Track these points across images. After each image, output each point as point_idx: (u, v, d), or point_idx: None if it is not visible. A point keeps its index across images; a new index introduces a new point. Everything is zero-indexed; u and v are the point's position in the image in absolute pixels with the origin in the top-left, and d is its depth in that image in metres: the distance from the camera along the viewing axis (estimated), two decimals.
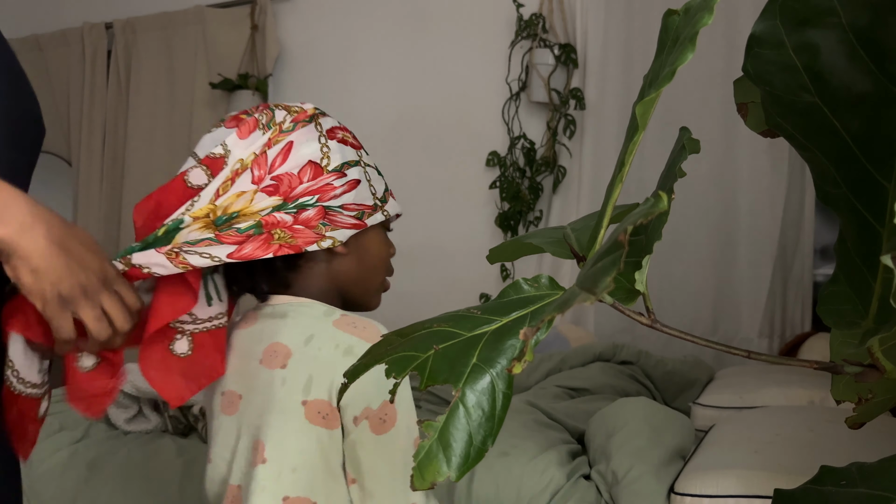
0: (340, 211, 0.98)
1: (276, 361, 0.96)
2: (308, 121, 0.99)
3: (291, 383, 0.95)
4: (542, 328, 0.43)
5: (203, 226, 0.93)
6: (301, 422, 0.94)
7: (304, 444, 0.95)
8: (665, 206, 0.40)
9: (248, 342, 1.00)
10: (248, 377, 0.98)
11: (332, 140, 1.00)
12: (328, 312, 0.98)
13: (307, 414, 0.94)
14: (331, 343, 0.95)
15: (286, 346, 0.96)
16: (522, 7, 3.09)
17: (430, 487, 0.43)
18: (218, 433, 1.02)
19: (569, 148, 3.08)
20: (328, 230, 0.97)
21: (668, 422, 1.68)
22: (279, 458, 0.94)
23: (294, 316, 0.98)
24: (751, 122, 0.56)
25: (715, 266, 2.95)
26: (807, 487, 0.54)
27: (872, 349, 0.46)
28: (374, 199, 1.03)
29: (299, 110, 1.00)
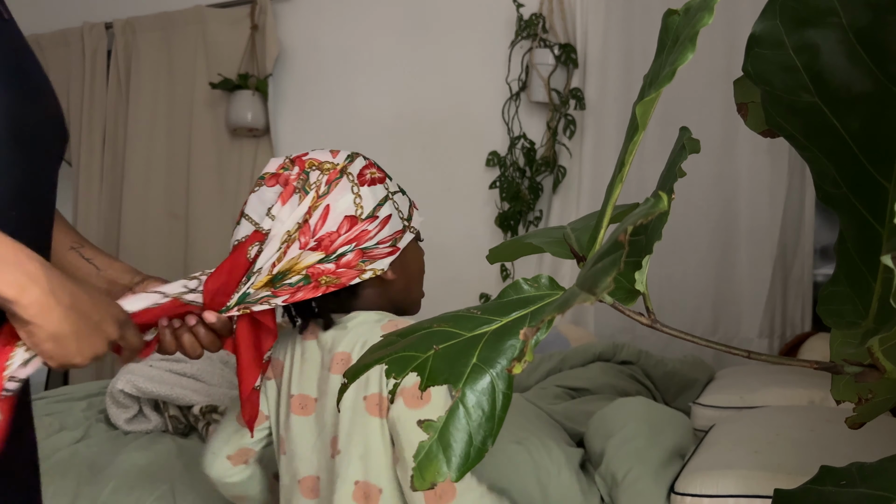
0: (376, 247, 1.11)
1: (341, 368, 1.13)
2: (339, 176, 1.09)
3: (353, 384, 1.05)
4: (542, 328, 0.43)
5: (262, 285, 1.05)
6: (363, 415, 1.11)
7: (367, 434, 1.10)
8: (665, 206, 0.40)
9: (317, 352, 1.18)
10: (321, 383, 1.16)
11: (363, 186, 1.10)
12: (379, 319, 1.15)
13: (367, 407, 1.11)
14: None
15: (347, 354, 1.13)
16: (522, 7, 3.09)
17: (430, 488, 0.43)
18: (291, 430, 1.19)
19: (569, 148, 3.08)
20: (368, 265, 1.10)
21: (666, 422, 1.68)
22: (348, 448, 1.11)
23: (353, 326, 1.15)
24: (751, 122, 0.56)
25: (715, 266, 2.95)
26: (807, 487, 0.54)
27: (872, 349, 0.46)
28: (403, 222, 1.15)
29: (331, 168, 1.09)
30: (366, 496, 1.11)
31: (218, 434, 1.29)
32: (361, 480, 1.11)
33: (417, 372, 0.44)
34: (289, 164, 1.10)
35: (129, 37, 3.86)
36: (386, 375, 0.45)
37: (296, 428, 1.18)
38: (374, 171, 1.14)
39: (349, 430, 1.12)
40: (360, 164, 1.12)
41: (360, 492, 1.11)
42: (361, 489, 1.11)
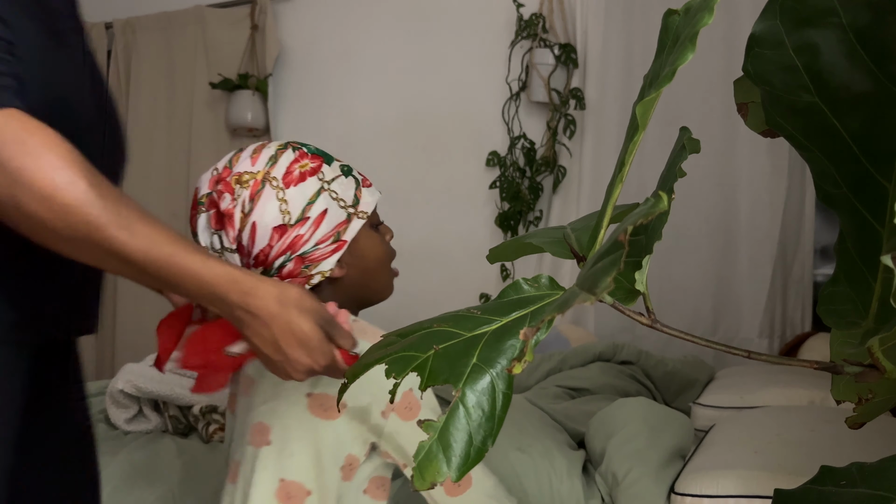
0: (316, 248, 1.05)
1: None
2: (262, 186, 1.04)
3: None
4: (542, 328, 0.43)
5: None
6: (303, 412, 1.03)
7: (303, 433, 1.03)
8: (665, 206, 0.40)
9: None
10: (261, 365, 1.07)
11: (289, 188, 1.05)
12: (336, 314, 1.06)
13: (310, 405, 1.03)
14: None
15: None
16: (522, 7, 3.09)
17: (430, 488, 0.43)
18: (236, 413, 1.13)
19: (569, 148, 3.08)
20: (312, 268, 1.06)
21: (666, 422, 1.68)
22: (281, 442, 1.04)
23: None
24: (751, 122, 0.56)
25: (715, 266, 2.95)
26: (807, 487, 0.54)
27: (872, 349, 0.46)
28: (347, 211, 1.08)
29: (251, 179, 1.04)
30: (288, 496, 1.03)
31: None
32: (287, 479, 1.04)
33: (417, 372, 0.44)
34: (216, 183, 1.06)
35: (129, 37, 3.86)
36: (386, 375, 0.45)
37: (239, 409, 1.12)
38: (306, 161, 1.08)
39: (285, 424, 1.04)
40: (287, 162, 1.06)
41: (283, 490, 1.03)
42: (286, 488, 1.03)
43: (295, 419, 1.04)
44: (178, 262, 0.84)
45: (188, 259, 0.84)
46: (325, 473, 1.04)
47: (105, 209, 0.79)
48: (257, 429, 1.06)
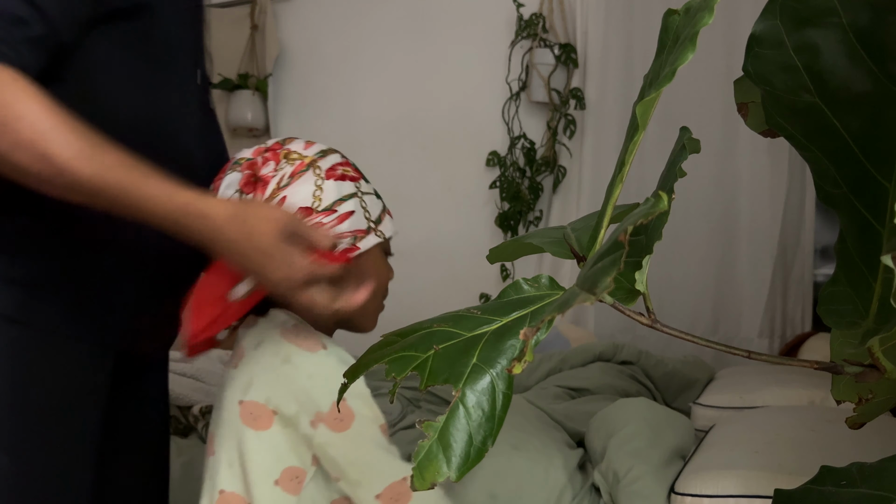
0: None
1: (234, 362, 1.06)
2: (305, 169, 1.05)
3: (236, 384, 1.04)
4: (542, 328, 0.43)
5: None
6: (236, 420, 1.02)
7: (234, 443, 1.02)
8: (665, 206, 0.40)
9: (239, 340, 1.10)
10: (224, 373, 1.09)
11: (329, 180, 1.06)
12: (284, 321, 1.06)
13: (241, 413, 1.02)
14: (272, 349, 1.03)
15: (243, 349, 1.06)
16: (522, 7, 3.09)
17: (430, 488, 0.43)
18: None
19: (569, 148, 3.08)
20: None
21: (667, 422, 1.68)
22: (220, 453, 1.03)
23: (262, 322, 1.07)
24: (751, 122, 0.56)
25: (715, 266, 2.95)
26: (807, 487, 0.54)
27: (872, 349, 0.46)
28: (369, 223, 1.08)
29: (298, 159, 1.06)
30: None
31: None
32: (227, 491, 1.02)
33: (417, 372, 0.44)
34: (263, 151, 1.07)
35: None
36: (386, 375, 0.45)
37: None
38: (349, 169, 1.10)
39: (223, 433, 1.04)
40: (333, 161, 1.08)
41: (223, 502, 1.01)
42: (226, 500, 1.01)
43: (229, 428, 1.02)
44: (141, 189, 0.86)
45: (150, 186, 0.86)
46: (256, 487, 1.00)
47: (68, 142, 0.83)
48: (209, 438, 1.07)
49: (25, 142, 0.82)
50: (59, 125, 0.83)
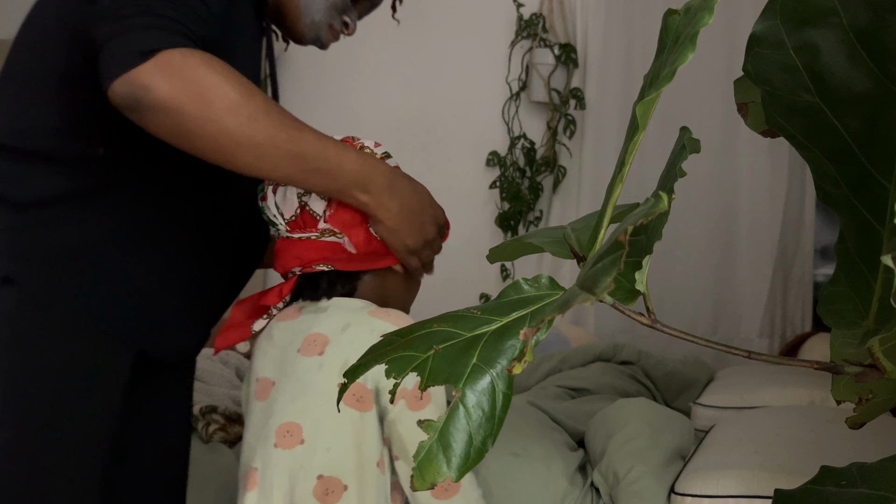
0: None
1: (314, 349, 1.06)
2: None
3: (328, 368, 1.04)
4: (542, 328, 0.43)
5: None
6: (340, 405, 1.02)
7: (337, 426, 1.03)
8: (665, 206, 0.40)
9: (289, 334, 1.10)
10: (284, 365, 1.09)
11: None
12: (365, 305, 1.09)
13: (344, 396, 1.01)
14: (366, 328, 1.04)
15: (324, 335, 1.06)
16: (522, 7, 3.09)
17: (429, 488, 0.43)
18: (250, 418, 1.12)
19: (569, 148, 3.08)
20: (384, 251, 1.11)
21: (667, 422, 1.67)
22: (314, 439, 1.03)
23: (332, 310, 1.08)
24: (751, 122, 0.56)
25: (715, 266, 2.95)
26: (807, 487, 0.54)
27: (872, 349, 0.46)
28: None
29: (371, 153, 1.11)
30: (325, 492, 1.03)
31: None
32: (325, 475, 1.03)
33: (417, 372, 0.44)
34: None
35: None
36: (386, 375, 0.45)
37: (254, 414, 1.12)
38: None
39: (317, 419, 1.04)
40: (394, 164, 1.14)
41: (321, 487, 1.03)
42: (323, 484, 1.03)
43: (328, 413, 1.03)
44: (342, 153, 1.00)
45: (348, 151, 1.01)
46: (365, 466, 1.04)
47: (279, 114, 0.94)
48: (285, 429, 1.05)
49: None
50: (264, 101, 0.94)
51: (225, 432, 1.80)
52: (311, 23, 1.24)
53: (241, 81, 0.91)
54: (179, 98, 0.87)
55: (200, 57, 0.89)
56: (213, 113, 0.88)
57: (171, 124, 0.89)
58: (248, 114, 0.90)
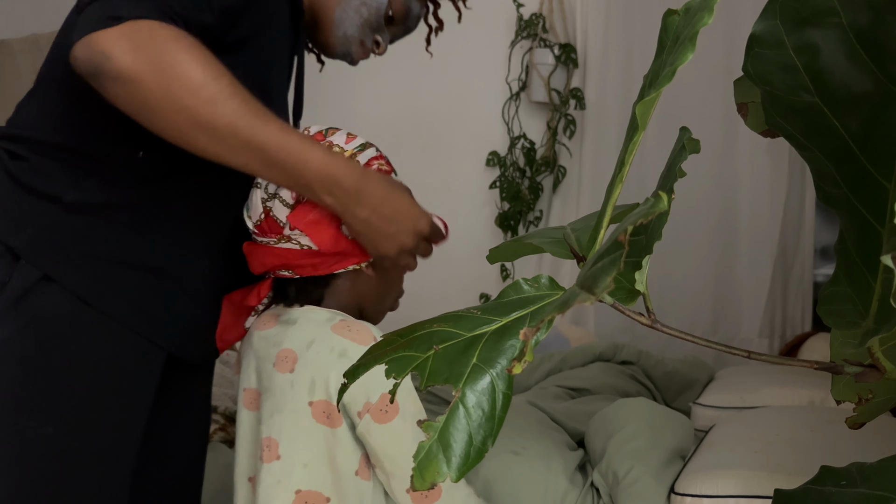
0: None
1: (286, 366, 1.06)
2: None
3: (299, 386, 1.04)
4: (542, 328, 0.43)
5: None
6: (309, 421, 1.03)
7: (312, 442, 1.04)
8: (665, 206, 0.40)
9: (265, 345, 1.10)
10: (264, 378, 1.09)
11: None
12: (330, 318, 1.07)
13: (314, 413, 1.03)
14: (327, 347, 1.04)
15: (293, 352, 1.06)
16: (522, 7, 3.09)
17: (429, 488, 0.43)
18: (241, 427, 1.13)
19: (569, 148, 3.08)
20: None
21: (667, 422, 1.68)
22: (291, 455, 1.04)
23: (301, 323, 1.08)
24: (751, 122, 0.56)
25: (715, 266, 2.95)
26: (807, 487, 0.54)
27: (872, 349, 0.46)
28: None
29: (340, 153, 1.07)
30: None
31: None
32: (304, 490, 1.03)
33: (417, 372, 0.44)
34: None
35: None
36: (386, 375, 0.45)
37: (244, 424, 1.13)
38: (383, 163, 1.13)
39: (293, 435, 1.04)
40: (370, 154, 1.12)
41: (300, 501, 1.03)
42: (302, 498, 1.03)
43: (302, 430, 1.04)
44: (307, 150, 0.95)
45: (314, 149, 0.96)
46: (343, 479, 1.04)
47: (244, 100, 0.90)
48: (266, 443, 1.06)
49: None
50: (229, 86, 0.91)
51: (225, 432, 1.80)
52: (342, 36, 1.23)
53: (209, 62, 0.88)
54: (139, 70, 0.84)
55: (170, 31, 0.87)
56: (172, 90, 0.86)
57: (128, 96, 0.86)
58: (208, 95, 0.87)
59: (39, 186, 0.98)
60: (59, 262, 0.98)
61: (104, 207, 1.01)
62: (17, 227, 0.98)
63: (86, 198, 0.99)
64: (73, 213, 0.99)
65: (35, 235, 0.98)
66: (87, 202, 1.00)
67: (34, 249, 0.97)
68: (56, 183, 0.99)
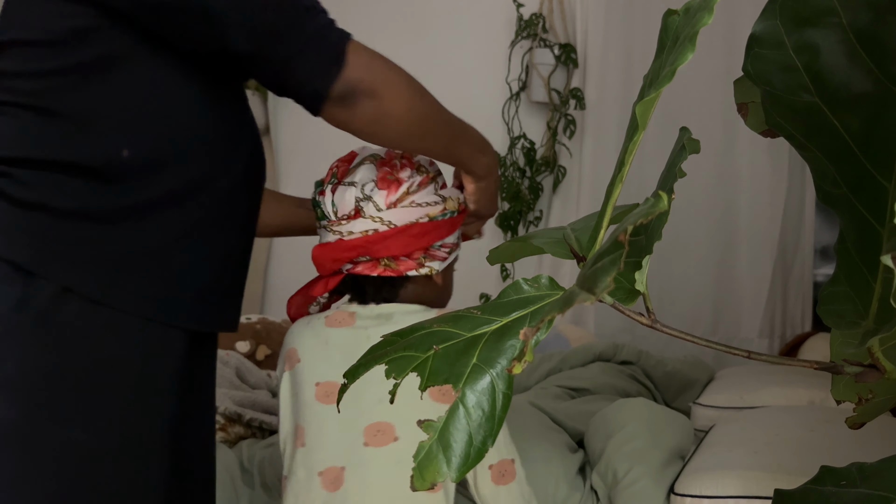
0: (439, 249, 1.22)
1: None
2: (429, 182, 1.23)
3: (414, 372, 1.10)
4: (542, 328, 0.43)
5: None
6: (427, 401, 1.11)
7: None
8: (665, 206, 0.40)
9: (350, 340, 1.18)
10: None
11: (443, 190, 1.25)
12: (425, 310, 1.19)
13: (432, 392, 1.11)
14: None
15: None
16: (522, 7, 3.09)
17: (429, 488, 0.43)
18: (314, 420, 1.17)
19: (569, 148, 3.08)
20: (427, 261, 1.21)
21: (666, 422, 1.68)
22: (409, 435, 1.12)
23: (399, 316, 1.18)
24: (751, 122, 0.56)
25: (715, 266, 2.95)
26: (807, 487, 0.54)
27: (872, 349, 0.46)
28: (458, 239, 1.27)
29: (425, 172, 1.23)
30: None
31: None
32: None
33: (417, 372, 0.44)
34: (399, 157, 1.22)
35: None
36: (386, 376, 0.45)
37: (319, 417, 1.16)
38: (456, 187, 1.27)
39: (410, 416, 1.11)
40: (442, 181, 1.26)
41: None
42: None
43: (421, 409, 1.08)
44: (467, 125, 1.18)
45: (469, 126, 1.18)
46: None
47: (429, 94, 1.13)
48: (376, 429, 1.13)
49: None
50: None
51: (225, 432, 1.79)
52: None
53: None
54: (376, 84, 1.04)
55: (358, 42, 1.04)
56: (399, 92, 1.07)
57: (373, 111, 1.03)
58: (417, 89, 1.09)
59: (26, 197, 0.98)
60: (76, 273, 0.98)
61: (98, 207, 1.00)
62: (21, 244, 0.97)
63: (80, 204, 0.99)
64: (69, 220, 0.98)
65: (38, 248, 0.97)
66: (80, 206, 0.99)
67: (42, 262, 0.97)
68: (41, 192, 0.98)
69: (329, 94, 0.98)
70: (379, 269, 1.18)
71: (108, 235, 1.00)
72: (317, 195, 1.22)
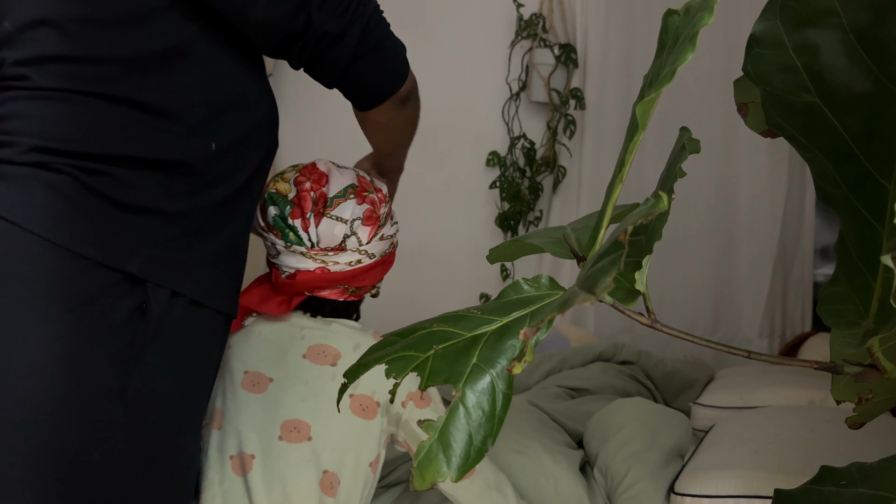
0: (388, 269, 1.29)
1: (324, 360, 1.19)
2: (388, 211, 1.28)
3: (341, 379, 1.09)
4: (542, 328, 0.43)
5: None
6: (346, 411, 1.16)
7: (346, 430, 1.16)
8: (665, 206, 0.40)
9: (284, 336, 1.22)
10: (285, 365, 1.19)
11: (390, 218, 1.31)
12: (364, 329, 1.25)
13: (352, 406, 1.16)
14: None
15: (335, 349, 1.20)
16: (522, 7, 3.09)
17: (429, 488, 0.43)
18: (235, 405, 1.19)
19: (569, 148, 3.08)
20: (378, 282, 1.28)
21: (664, 422, 1.67)
22: (323, 438, 1.15)
23: (338, 326, 1.23)
24: (751, 122, 0.56)
25: (715, 266, 2.95)
26: (807, 487, 0.54)
27: (872, 349, 0.46)
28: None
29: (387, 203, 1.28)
30: (330, 485, 1.15)
31: None
32: (329, 471, 1.15)
33: (417, 372, 0.44)
34: (372, 190, 1.25)
35: None
36: (386, 375, 0.45)
37: (241, 402, 1.18)
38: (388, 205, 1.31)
39: (326, 421, 1.16)
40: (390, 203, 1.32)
41: (326, 480, 1.14)
42: (328, 479, 1.14)
43: (338, 418, 1.16)
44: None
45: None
46: (360, 466, 1.16)
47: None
48: (292, 426, 1.16)
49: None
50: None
51: None
52: None
53: None
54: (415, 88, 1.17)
55: None
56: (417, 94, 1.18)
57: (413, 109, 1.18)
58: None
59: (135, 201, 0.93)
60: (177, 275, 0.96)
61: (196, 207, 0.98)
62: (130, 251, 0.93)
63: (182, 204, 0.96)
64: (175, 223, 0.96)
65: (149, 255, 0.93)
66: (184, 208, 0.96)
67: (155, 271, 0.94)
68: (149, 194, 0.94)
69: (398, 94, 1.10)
70: (346, 295, 1.23)
71: (201, 234, 0.99)
72: (289, 217, 1.19)
